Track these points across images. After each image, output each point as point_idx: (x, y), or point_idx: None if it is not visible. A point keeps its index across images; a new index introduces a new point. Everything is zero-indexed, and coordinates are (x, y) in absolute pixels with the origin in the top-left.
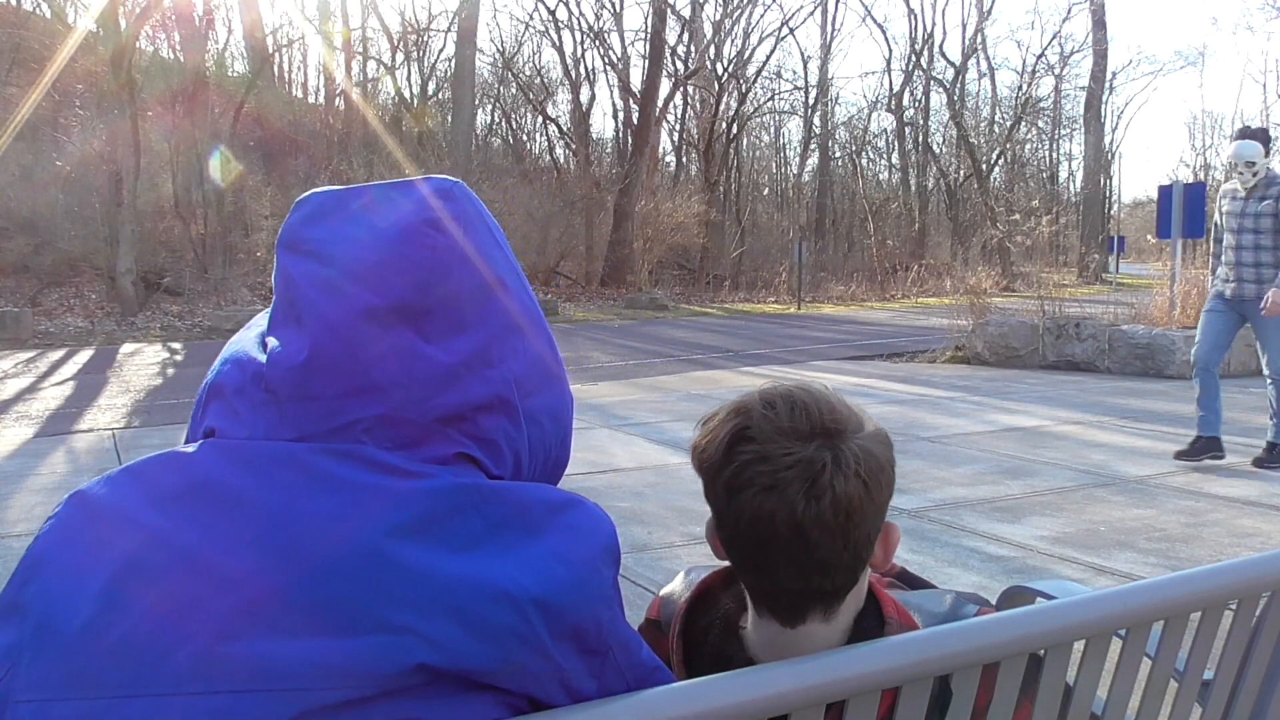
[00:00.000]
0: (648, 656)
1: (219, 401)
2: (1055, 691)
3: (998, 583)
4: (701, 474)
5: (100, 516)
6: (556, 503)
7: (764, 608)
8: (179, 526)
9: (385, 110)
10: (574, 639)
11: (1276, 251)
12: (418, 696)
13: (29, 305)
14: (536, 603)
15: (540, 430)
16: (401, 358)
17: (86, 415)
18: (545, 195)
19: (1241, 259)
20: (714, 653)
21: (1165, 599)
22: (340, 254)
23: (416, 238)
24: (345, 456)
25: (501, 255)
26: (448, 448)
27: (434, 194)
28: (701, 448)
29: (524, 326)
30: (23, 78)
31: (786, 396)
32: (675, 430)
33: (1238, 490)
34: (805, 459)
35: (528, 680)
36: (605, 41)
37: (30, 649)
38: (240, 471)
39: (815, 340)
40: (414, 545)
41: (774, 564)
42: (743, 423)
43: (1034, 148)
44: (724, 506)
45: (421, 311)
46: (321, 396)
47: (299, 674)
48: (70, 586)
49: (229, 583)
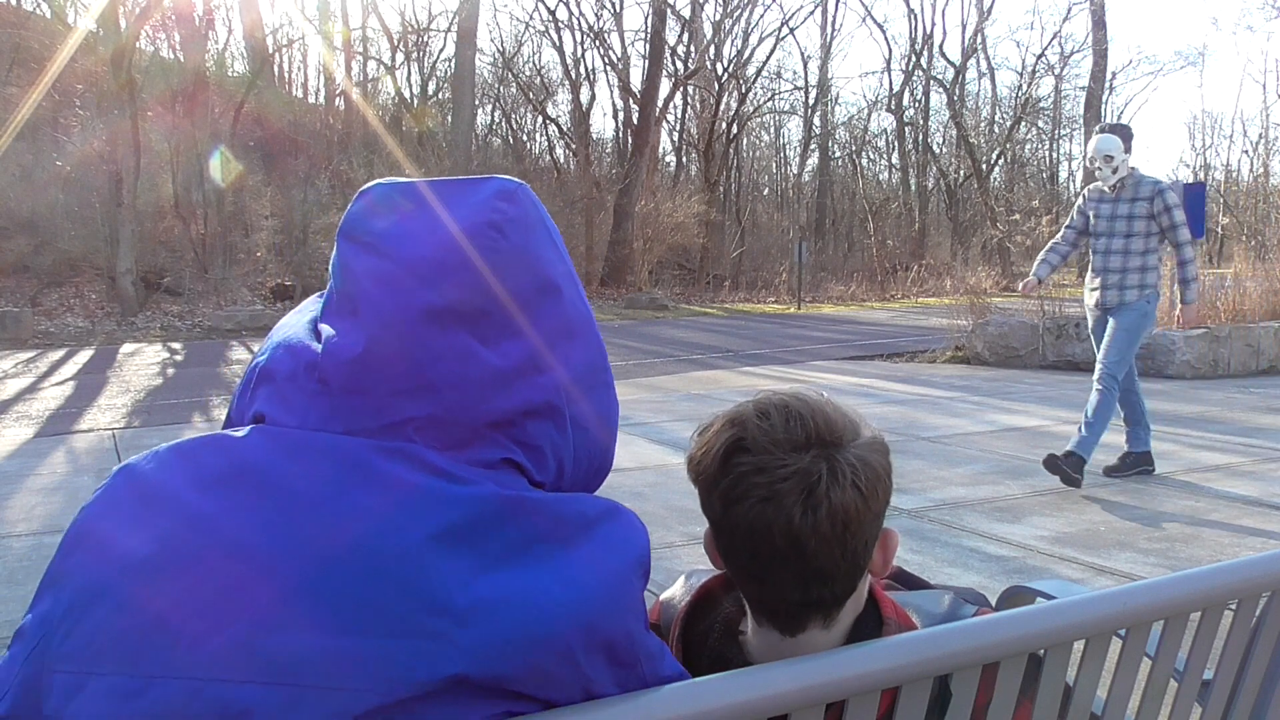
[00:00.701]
0: (670, 664)
1: (269, 386)
2: (1055, 691)
3: (998, 583)
4: (697, 485)
5: (145, 493)
6: (593, 515)
7: (763, 617)
8: (220, 509)
9: (385, 110)
10: (605, 651)
11: (1146, 256)
12: (440, 703)
13: (29, 305)
14: (571, 616)
15: (586, 436)
16: (457, 359)
17: (86, 415)
18: (545, 195)
19: (1109, 264)
20: (714, 657)
21: (1165, 599)
22: (401, 250)
23: (478, 239)
24: (394, 454)
25: (559, 260)
26: (494, 452)
27: (497, 195)
28: (697, 459)
29: (576, 332)
30: (23, 78)
31: (781, 407)
32: (675, 430)
33: (1238, 490)
34: (801, 470)
35: (552, 688)
36: (605, 41)
37: (68, 620)
38: (287, 460)
39: (815, 340)
40: (454, 553)
41: (772, 574)
42: (738, 434)
43: (1034, 148)
44: (720, 518)
45: (479, 314)
46: (374, 392)
47: (330, 671)
48: (109, 561)
49: (267, 571)
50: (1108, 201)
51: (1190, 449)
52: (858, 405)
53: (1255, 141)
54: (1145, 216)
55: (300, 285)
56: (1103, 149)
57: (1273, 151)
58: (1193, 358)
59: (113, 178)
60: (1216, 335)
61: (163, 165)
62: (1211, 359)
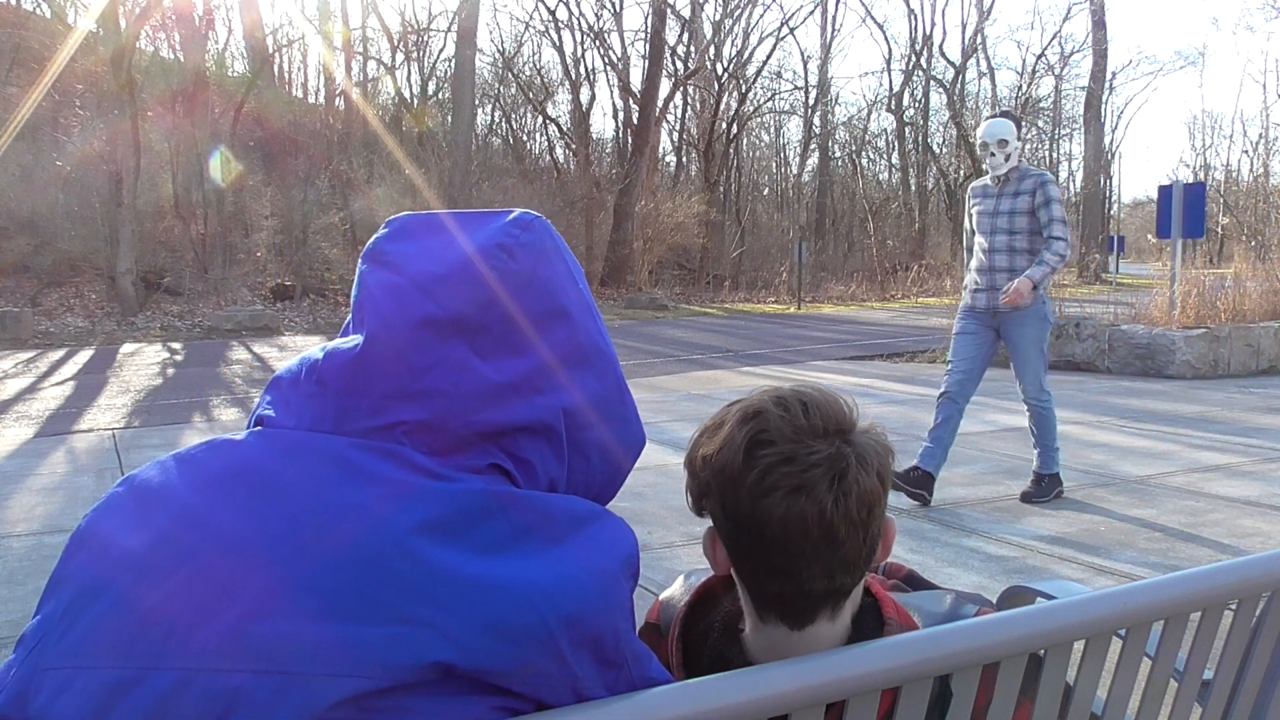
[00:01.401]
0: (658, 670)
1: (275, 391)
2: (1055, 691)
3: (998, 583)
4: (716, 484)
5: (145, 495)
6: (582, 514)
7: (773, 613)
8: (216, 507)
9: (385, 110)
10: (592, 648)
11: (1032, 255)
12: (428, 694)
13: (29, 305)
14: (556, 609)
15: (587, 464)
16: (452, 369)
17: (86, 415)
18: (545, 195)
19: (995, 263)
20: (714, 655)
21: (1165, 599)
22: (413, 266)
23: (487, 258)
24: (382, 454)
25: (574, 289)
26: (483, 459)
27: (513, 223)
28: (713, 458)
29: (589, 362)
30: (23, 78)
31: (797, 396)
32: (675, 430)
33: (1238, 490)
34: (829, 456)
35: (540, 685)
36: (605, 41)
37: (66, 618)
38: (281, 459)
39: (815, 340)
40: (439, 543)
41: (800, 566)
42: (758, 426)
43: (1034, 148)
44: (748, 514)
45: (479, 328)
46: (368, 394)
47: (317, 657)
48: (108, 559)
49: (259, 564)
50: (990, 196)
51: (1190, 449)
52: (859, 405)
53: (1255, 141)
54: (1027, 211)
55: (300, 285)
56: (996, 133)
57: (1273, 151)
58: (1193, 358)
59: (113, 178)
60: (1216, 335)
61: (163, 165)
62: (1211, 359)
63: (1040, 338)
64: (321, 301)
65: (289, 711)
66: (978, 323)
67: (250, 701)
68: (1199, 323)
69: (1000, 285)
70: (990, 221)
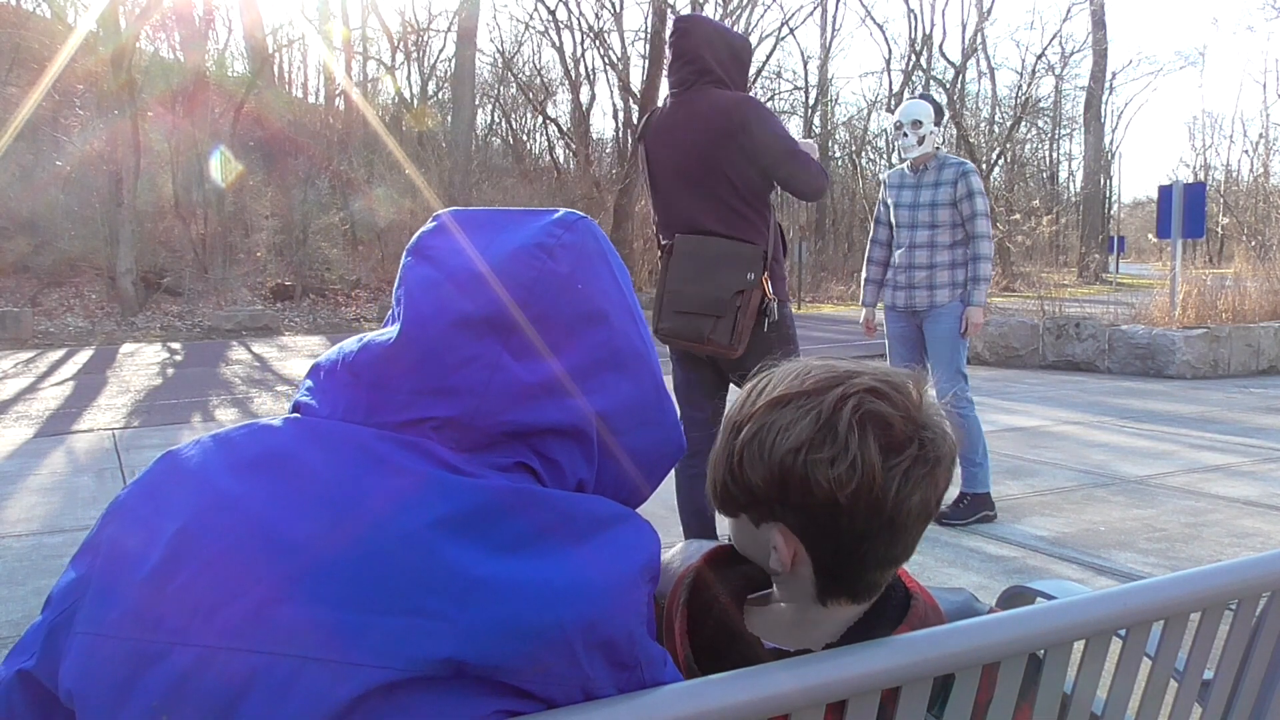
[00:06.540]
0: (672, 673)
1: (314, 378)
2: (1055, 692)
3: (998, 583)
4: (861, 506)
5: (181, 474)
6: (605, 516)
7: (843, 595)
8: (248, 491)
9: (385, 110)
10: (605, 650)
11: (954, 250)
12: (439, 690)
13: (29, 305)
14: (571, 609)
15: (617, 469)
16: (483, 367)
17: (86, 415)
18: (545, 195)
19: (915, 260)
20: (716, 626)
21: (1165, 599)
22: (451, 262)
23: (525, 257)
24: (409, 447)
25: (616, 293)
26: (510, 457)
27: (556, 222)
28: (845, 477)
29: (626, 366)
30: (23, 78)
31: (888, 383)
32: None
33: (1238, 490)
34: (935, 437)
35: (551, 684)
36: (605, 41)
37: (96, 586)
38: (313, 447)
39: (816, 340)
40: (457, 538)
41: (906, 549)
42: (881, 431)
43: (1034, 148)
44: (887, 519)
45: (514, 327)
46: (399, 388)
47: (331, 644)
48: (141, 534)
49: (285, 548)
50: (908, 187)
51: (1190, 449)
52: None
53: (1255, 141)
54: (949, 204)
55: (300, 285)
56: (911, 113)
57: (1273, 151)
58: (1193, 358)
59: (113, 178)
60: (1216, 335)
61: (163, 165)
62: (1211, 359)
63: (955, 332)
64: (321, 301)
65: (303, 694)
66: (904, 321)
67: (266, 682)
68: (1199, 323)
69: (919, 284)
70: (910, 214)
